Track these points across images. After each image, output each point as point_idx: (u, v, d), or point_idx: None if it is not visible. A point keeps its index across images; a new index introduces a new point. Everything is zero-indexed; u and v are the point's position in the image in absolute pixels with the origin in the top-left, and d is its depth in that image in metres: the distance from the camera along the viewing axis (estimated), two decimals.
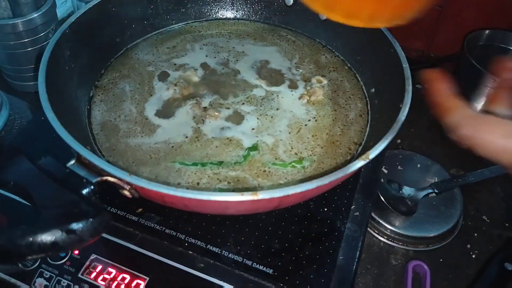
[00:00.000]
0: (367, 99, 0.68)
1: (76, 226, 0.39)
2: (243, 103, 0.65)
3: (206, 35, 0.78)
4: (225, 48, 0.76)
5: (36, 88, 0.50)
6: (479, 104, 0.78)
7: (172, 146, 0.59)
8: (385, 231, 0.69)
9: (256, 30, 0.80)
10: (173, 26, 0.79)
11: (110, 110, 0.63)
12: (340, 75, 0.71)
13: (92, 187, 0.43)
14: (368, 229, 0.70)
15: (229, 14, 0.82)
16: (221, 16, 0.82)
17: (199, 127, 0.61)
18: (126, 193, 0.45)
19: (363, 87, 0.70)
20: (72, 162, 0.44)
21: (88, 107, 0.64)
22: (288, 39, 0.78)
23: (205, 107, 0.64)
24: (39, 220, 0.40)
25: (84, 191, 0.43)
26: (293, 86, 0.69)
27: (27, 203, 0.43)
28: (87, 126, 0.61)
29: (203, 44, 0.76)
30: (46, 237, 0.38)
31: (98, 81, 0.68)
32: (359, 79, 0.71)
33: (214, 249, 0.53)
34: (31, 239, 0.37)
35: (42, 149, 0.58)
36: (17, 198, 0.45)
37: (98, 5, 0.66)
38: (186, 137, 0.60)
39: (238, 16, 0.82)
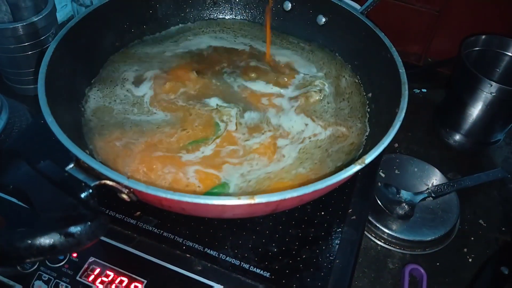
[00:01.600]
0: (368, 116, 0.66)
1: (74, 229, 0.39)
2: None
3: (209, 31, 0.79)
4: (236, 42, 0.77)
5: (36, 91, 0.50)
6: (476, 109, 0.79)
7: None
8: (382, 235, 0.69)
9: (262, 33, 0.80)
10: (171, 29, 0.79)
11: (106, 96, 0.65)
12: (355, 99, 0.69)
13: (90, 190, 0.43)
14: (365, 232, 0.70)
15: (228, 18, 0.83)
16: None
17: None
18: (124, 196, 0.46)
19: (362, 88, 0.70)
20: (71, 165, 0.45)
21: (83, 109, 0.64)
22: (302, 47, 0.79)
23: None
24: (38, 223, 0.40)
25: (83, 195, 0.43)
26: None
27: (26, 206, 0.43)
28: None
29: (210, 37, 0.78)
30: (45, 240, 0.38)
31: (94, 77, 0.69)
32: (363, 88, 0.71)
33: (211, 252, 0.53)
34: (29, 242, 0.38)
35: (41, 152, 0.58)
36: (15, 201, 0.46)
37: (98, 10, 0.66)
38: None
39: (237, 19, 0.83)
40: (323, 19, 0.76)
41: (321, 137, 0.62)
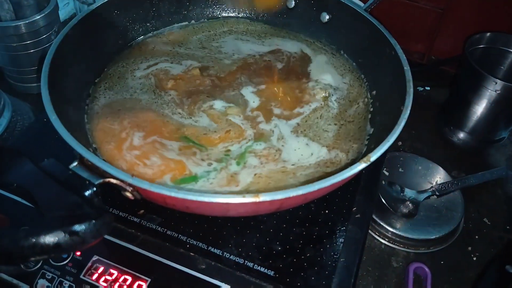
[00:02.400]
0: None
1: (78, 227, 0.39)
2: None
3: (221, 33, 0.79)
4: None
5: (39, 89, 0.50)
6: (480, 107, 0.78)
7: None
8: (386, 233, 0.69)
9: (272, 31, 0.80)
10: (173, 26, 0.79)
11: (118, 92, 0.66)
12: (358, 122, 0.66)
13: (94, 189, 0.43)
14: (369, 231, 0.70)
15: (231, 15, 0.83)
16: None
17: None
18: (128, 194, 0.45)
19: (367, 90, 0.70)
20: (75, 164, 0.45)
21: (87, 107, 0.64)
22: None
23: None
24: (42, 221, 0.40)
25: (87, 193, 0.43)
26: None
27: (30, 205, 0.43)
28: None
29: (234, 39, 0.78)
30: (49, 239, 0.38)
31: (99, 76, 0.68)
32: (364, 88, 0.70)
33: (215, 250, 0.53)
34: (34, 240, 0.38)
35: (45, 151, 0.58)
36: (20, 199, 0.45)
37: (100, 8, 0.66)
38: None
39: (239, 16, 0.83)
40: (327, 17, 0.76)
41: (315, 160, 0.59)
